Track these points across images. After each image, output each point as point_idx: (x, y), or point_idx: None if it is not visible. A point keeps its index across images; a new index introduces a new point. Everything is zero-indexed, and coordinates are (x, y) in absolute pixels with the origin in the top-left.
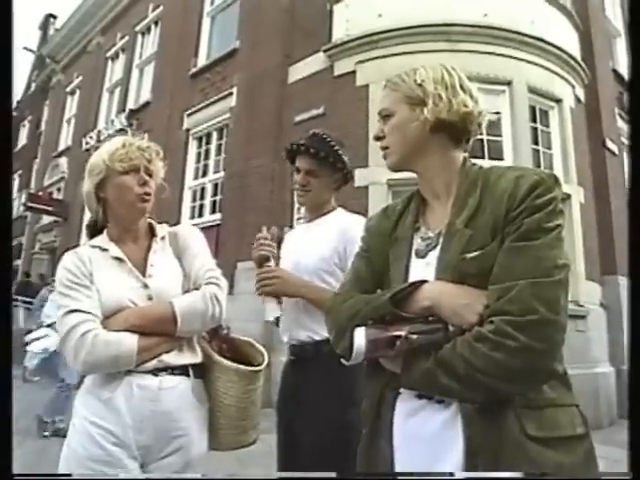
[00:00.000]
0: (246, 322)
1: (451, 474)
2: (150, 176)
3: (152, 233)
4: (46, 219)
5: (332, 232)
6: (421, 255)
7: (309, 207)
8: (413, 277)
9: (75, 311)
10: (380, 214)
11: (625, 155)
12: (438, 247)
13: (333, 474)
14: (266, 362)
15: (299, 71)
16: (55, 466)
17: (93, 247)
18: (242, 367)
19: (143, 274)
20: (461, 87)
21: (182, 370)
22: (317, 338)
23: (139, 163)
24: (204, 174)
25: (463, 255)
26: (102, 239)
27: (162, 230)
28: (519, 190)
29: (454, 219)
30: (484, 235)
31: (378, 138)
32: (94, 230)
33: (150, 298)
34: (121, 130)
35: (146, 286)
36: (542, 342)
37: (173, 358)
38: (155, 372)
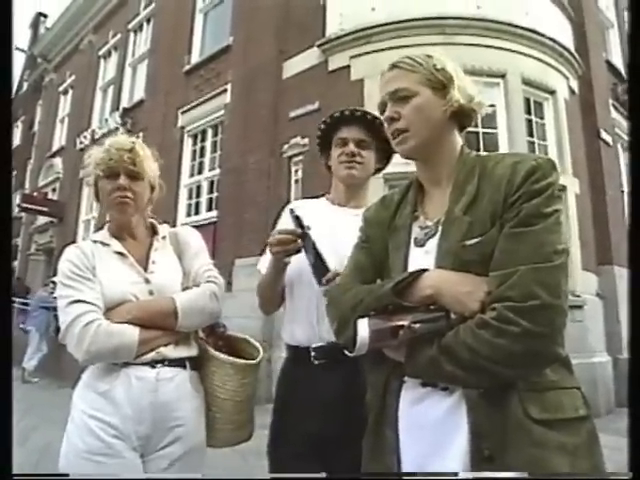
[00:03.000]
0: (245, 319)
1: (455, 474)
2: (134, 178)
3: (154, 232)
4: (41, 220)
5: None
6: (420, 244)
7: (356, 184)
8: (412, 266)
9: (79, 301)
10: (378, 204)
11: (619, 146)
12: (437, 235)
13: (323, 474)
14: (261, 356)
15: (293, 66)
16: None
17: (95, 242)
18: (238, 360)
19: (145, 269)
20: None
21: (178, 362)
22: None
23: (117, 167)
24: (200, 171)
25: (463, 242)
26: (103, 234)
27: (163, 230)
28: (517, 176)
29: (452, 207)
30: (484, 222)
31: (392, 119)
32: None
33: (151, 293)
34: (116, 129)
35: (148, 281)
36: (544, 326)
37: (170, 351)
38: (152, 364)
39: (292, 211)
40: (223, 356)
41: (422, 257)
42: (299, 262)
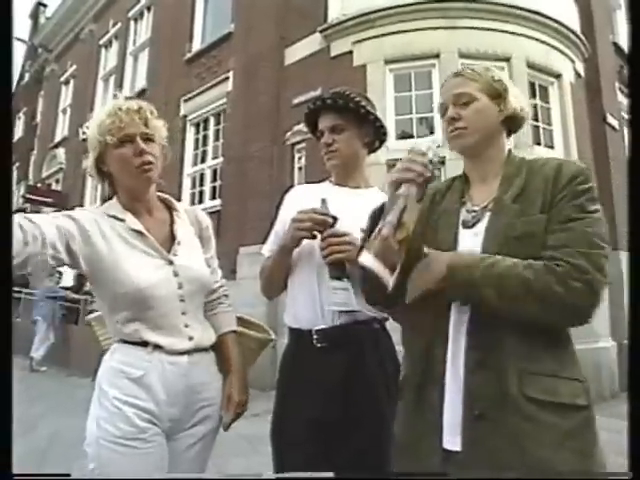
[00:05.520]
0: (249, 306)
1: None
2: (150, 140)
3: (168, 206)
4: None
5: None
6: (468, 226)
7: (341, 167)
8: (462, 245)
9: None
10: None
11: (626, 130)
12: (485, 219)
13: (331, 474)
14: (272, 333)
15: (295, 53)
16: None
17: (109, 216)
18: (262, 336)
19: (168, 250)
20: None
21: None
22: (371, 314)
23: (133, 131)
24: (203, 160)
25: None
26: (116, 207)
27: (180, 206)
28: (562, 177)
29: (501, 195)
30: (532, 209)
31: (453, 119)
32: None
33: (176, 274)
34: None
35: (171, 262)
36: (592, 295)
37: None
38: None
39: (324, 201)
40: (252, 332)
41: (471, 238)
42: (300, 245)
